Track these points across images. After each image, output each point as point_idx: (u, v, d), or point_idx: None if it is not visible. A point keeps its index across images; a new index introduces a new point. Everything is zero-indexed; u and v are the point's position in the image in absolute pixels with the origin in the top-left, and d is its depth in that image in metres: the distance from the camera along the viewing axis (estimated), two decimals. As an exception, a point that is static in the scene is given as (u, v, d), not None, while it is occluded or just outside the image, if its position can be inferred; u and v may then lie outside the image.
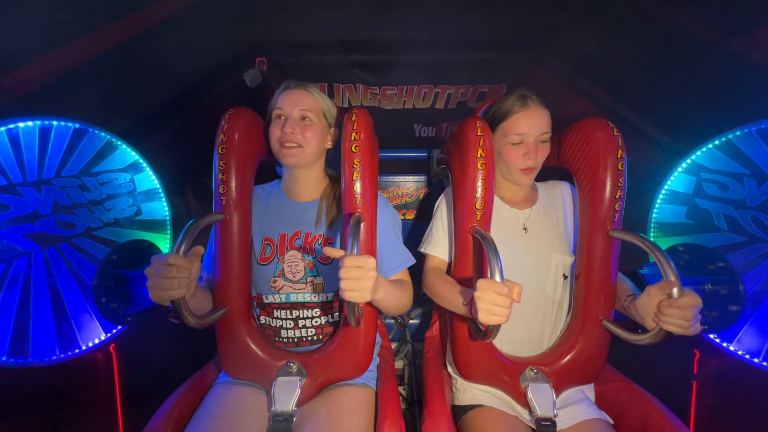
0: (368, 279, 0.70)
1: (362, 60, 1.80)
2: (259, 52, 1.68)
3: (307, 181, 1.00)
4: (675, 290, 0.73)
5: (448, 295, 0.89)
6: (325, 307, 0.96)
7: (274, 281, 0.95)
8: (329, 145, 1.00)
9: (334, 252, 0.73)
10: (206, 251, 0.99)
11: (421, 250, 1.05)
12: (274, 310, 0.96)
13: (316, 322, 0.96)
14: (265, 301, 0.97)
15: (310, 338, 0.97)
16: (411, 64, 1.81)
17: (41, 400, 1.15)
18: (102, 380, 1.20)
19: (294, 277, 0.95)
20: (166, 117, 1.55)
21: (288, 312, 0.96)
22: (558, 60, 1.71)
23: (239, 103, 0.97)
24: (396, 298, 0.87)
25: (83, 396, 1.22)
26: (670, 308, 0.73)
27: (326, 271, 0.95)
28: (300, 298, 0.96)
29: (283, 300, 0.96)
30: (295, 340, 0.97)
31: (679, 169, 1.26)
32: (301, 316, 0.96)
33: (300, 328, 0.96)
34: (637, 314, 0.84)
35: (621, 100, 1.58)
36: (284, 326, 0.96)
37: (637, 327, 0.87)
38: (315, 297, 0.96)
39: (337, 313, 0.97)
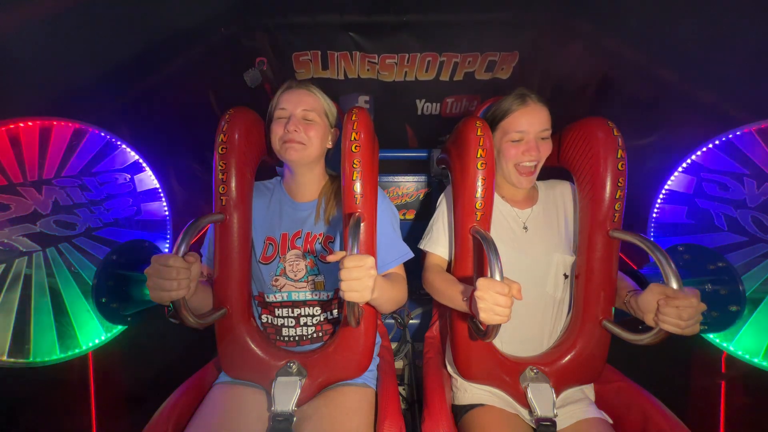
0: (368, 278, 0.70)
1: (359, 21, 1.59)
2: (245, 8, 1.50)
3: (308, 182, 1.00)
4: (674, 289, 0.74)
5: (447, 291, 0.89)
6: (325, 305, 0.97)
7: (276, 280, 0.96)
8: (330, 145, 1.01)
9: (335, 258, 0.73)
10: (206, 244, 0.99)
11: (421, 247, 1.05)
12: (276, 309, 0.97)
13: (316, 320, 0.97)
14: (267, 300, 0.97)
15: (310, 336, 0.97)
16: (413, 27, 1.59)
17: (13, 403, 1.12)
18: (77, 383, 1.17)
19: (295, 275, 0.96)
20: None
21: (290, 310, 0.96)
22: (582, 18, 1.46)
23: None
24: (390, 295, 0.87)
25: (57, 399, 1.17)
26: (667, 307, 0.74)
27: (327, 270, 0.96)
28: (301, 297, 0.96)
29: (285, 298, 0.96)
30: (296, 338, 0.97)
31: (679, 169, 1.26)
32: (302, 314, 0.96)
33: (301, 326, 0.97)
34: (638, 309, 0.84)
35: (657, 60, 1.35)
36: (286, 324, 0.97)
37: (637, 327, 0.88)
38: (316, 295, 0.96)
39: (336, 311, 0.98)
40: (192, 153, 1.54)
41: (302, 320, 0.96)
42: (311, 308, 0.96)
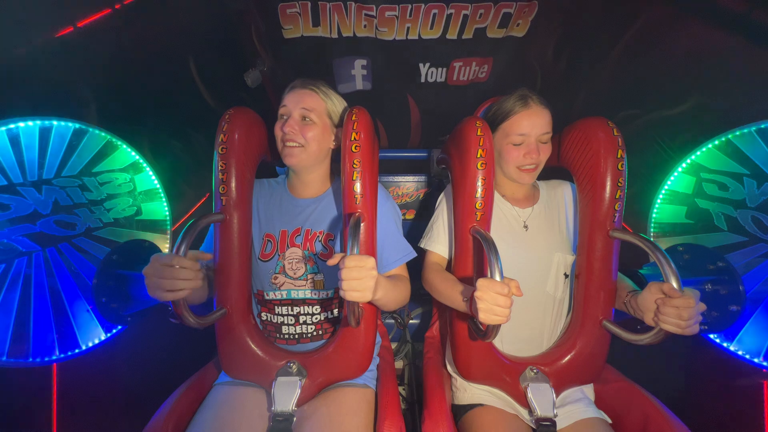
0: (369, 278, 0.70)
1: None
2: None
3: (311, 181, 1.01)
4: (673, 289, 0.74)
5: (447, 291, 0.89)
6: (325, 304, 0.97)
7: (275, 278, 0.96)
8: (333, 145, 1.00)
9: (334, 261, 0.73)
10: (210, 234, 0.99)
11: (422, 246, 1.05)
12: (275, 307, 0.97)
13: (316, 318, 0.97)
14: (267, 297, 0.97)
15: (310, 335, 0.97)
16: None
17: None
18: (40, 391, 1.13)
19: (294, 273, 0.96)
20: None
21: (289, 308, 0.96)
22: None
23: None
24: (394, 295, 0.87)
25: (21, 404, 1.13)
26: (667, 307, 0.74)
27: (326, 268, 0.96)
28: (301, 295, 0.96)
29: (284, 297, 0.96)
30: (296, 336, 0.97)
31: (679, 169, 1.26)
32: (302, 312, 0.96)
33: (301, 324, 0.97)
34: (637, 309, 0.84)
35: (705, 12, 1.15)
36: (285, 322, 0.97)
37: (637, 327, 0.88)
38: (315, 294, 0.96)
39: (336, 310, 0.98)
40: (170, 127, 1.48)
41: (301, 318, 0.96)
42: (311, 307, 0.96)
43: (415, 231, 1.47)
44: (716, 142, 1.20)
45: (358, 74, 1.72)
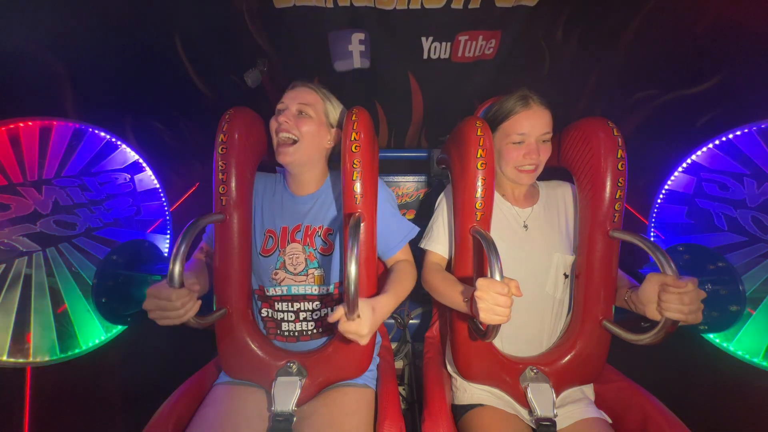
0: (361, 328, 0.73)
1: None
2: None
3: (307, 181, 1.01)
4: (673, 279, 0.74)
5: (447, 291, 0.89)
6: (325, 300, 0.97)
7: (276, 273, 0.96)
8: (329, 144, 1.00)
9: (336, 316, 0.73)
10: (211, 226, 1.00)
11: (422, 246, 1.05)
12: (276, 303, 0.97)
13: (316, 315, 0.97)
14: (267, 293, 0.97)
15: (310, 332, 0.97)
16: None
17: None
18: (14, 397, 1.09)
19: (295, 269, 0.96)
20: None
21: (289, 304, 0.97)
22: None
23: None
24: (398, 301, 0.89)
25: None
26: (668, 294, 0.74)
27: (326, 263, 0.96)
28: (301, 291, 0.96)
29: (285, 292, 0.96)
30: (296, 333, 0.97)
31: (679, 169, 1.26)
32: (302, 308, 0.96)
33: (301, 321, 0.97)
34: (638, 303, 0.84)
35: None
36: (285, 319, 0.97)
37: (637, 327, 0.88)
38: (315, 289, 0.96)
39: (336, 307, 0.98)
40: (154, 108, 1.45)
41: (301, 315, 0.97)
42: (311, 303, 0.96)
43: (415, 231, 1.46)
44: (716, 142, 1.20)
45: (355, 50, 1.58)
